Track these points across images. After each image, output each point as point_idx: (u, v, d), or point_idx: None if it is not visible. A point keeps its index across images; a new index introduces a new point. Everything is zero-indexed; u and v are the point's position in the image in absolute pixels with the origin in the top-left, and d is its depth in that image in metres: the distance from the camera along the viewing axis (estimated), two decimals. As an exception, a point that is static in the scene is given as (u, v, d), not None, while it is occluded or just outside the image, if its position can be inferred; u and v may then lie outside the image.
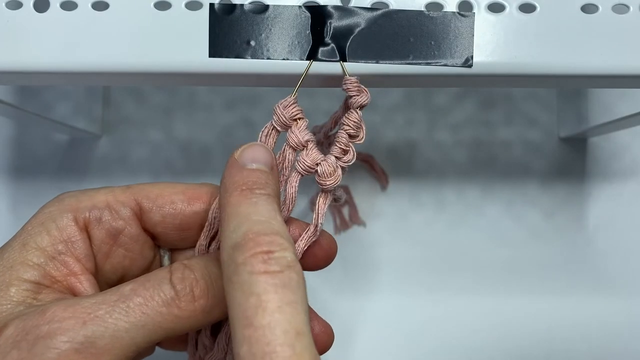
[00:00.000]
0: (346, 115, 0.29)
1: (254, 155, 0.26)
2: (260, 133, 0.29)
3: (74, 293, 0.27)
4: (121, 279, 0.29)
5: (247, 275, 0.22)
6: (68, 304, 0.24)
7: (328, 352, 0.31)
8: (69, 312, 0.24)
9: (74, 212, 0.28)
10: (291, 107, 0.28)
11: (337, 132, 0.29)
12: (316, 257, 0.30)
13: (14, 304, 0.25)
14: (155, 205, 0.29)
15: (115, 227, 0.28)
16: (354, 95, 0.28)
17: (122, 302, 0.24)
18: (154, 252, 0.30)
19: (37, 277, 0.26)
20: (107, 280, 0.29)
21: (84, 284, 0.27)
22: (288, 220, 0.29)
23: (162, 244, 0.30)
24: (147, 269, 0.30)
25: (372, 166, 0.50)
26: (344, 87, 0.29)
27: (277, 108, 0.28)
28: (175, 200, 0.29)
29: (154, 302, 0.25)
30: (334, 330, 0.31)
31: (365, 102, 0.28)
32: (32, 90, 0.48)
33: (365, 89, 0.29)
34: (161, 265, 0.31)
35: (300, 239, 0.29)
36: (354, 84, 0.28)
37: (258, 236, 0.23)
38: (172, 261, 0.31)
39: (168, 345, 0.31)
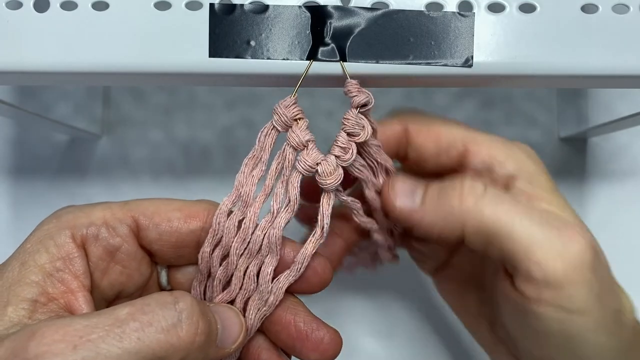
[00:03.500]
0: (345, 114, 0.29)
1: None
2: (260, 133, 0.29)
3: (70, 311, 0.26)
4: (118, 295, 0.29)
5: None
6: (59, 325, 0.23)
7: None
8: (60, 335, 0.23)
9: (71, 229, 0.27)
10: (292, 107, 0.28)
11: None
12: (310, 283, 0.29)
13: (10, 324, 0.25)
14: (151, 223, 0.28)
15: (112, 244, 0.28)
16: (354, 95, 0.28)
17: (117, 326, 0.23)
18: (151, 269, 0.30)
19: (34, 295, 0.26)
20: (104, 296, 0.29)
21: (80, 300, 0.27)
22: (283, 242, 0.29)
23: (159, 261, 0.30)
24: (144, 286, 0.30)
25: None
26: (345, 89, 0.29)
27: (278, 108, 0.28)
28: (171, 218, 0.29)
29: (152, 327, 0.24)
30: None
31: (364, 101, 0.28)
32: (32, 90, 0.48)
33: (367, 91, 0.28)
34: (159, 282, 0.31)
35: (308, 242, 0.29)
36: (355, 87, 0.28)
37: None
38: (169, 278, 0.31)
39: None
